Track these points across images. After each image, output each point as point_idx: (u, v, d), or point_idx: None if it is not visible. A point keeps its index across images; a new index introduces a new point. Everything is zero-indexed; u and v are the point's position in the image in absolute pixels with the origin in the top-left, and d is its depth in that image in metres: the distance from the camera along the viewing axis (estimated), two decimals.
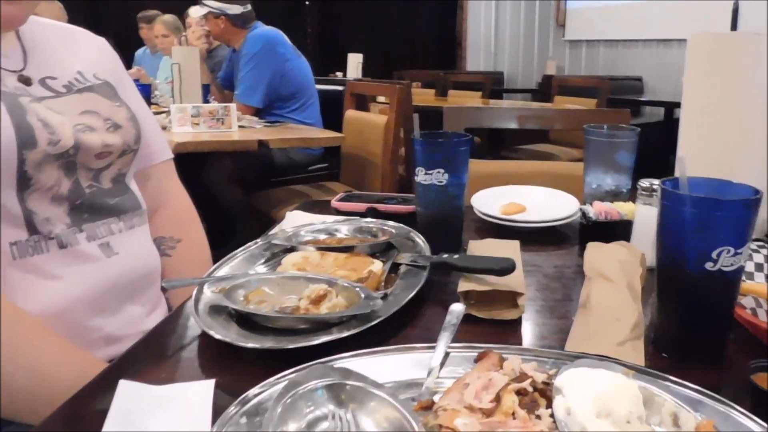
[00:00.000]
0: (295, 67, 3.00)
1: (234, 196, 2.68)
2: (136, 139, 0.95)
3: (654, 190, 0.86)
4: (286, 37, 3.06)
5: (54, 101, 0.84)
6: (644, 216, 0.87)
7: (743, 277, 0.64)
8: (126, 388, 0.55)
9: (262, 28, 3.05)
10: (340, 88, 3.17)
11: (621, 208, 0.96)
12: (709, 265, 0.56)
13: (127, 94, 0.98)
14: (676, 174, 0.66)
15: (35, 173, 0.78)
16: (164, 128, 2.30)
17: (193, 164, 2.28)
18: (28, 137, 0.76)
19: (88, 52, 0.97)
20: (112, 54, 1.03)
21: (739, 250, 0.55)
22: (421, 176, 0.89)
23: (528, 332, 0.69)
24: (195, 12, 3.25)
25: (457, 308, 0.67)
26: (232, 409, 0.48)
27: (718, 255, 0.55)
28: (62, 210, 0.83)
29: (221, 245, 1.15)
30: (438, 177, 0.88)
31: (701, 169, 0.63)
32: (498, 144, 4.29)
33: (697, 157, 0.62)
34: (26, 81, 0.83)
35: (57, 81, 0.87)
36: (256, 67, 2.90)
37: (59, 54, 0.91)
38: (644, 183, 0.87)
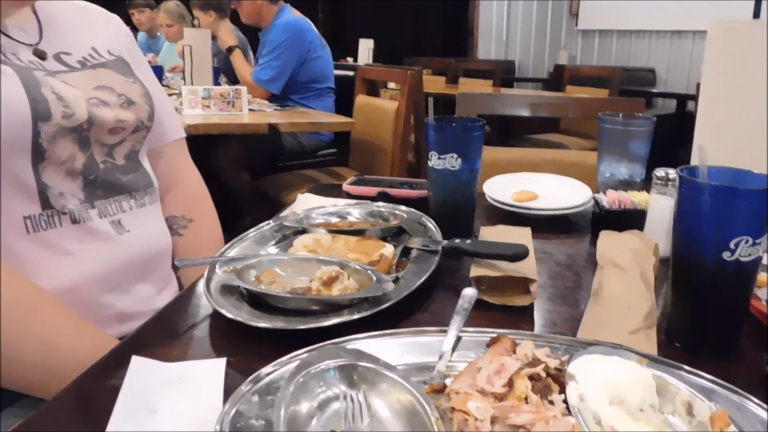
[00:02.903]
0: (318, 57, 2.99)
1: (242, 180, 2.68)
2: (150, 116, 0.94)
3: (669, 180, 0.85)
4: (313, 26, 3.04)
5: (68, 75, 0.84)
6: (659, 205, 0.86)
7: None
8: (138, 364, 0.55)
9: (292, 15, 3.02)
10: (350, 73, 3.16)
11: (634, 198, 0.95)
12: (726, 255, 0.55)
13: (141, 72, 0.98)
14: (693, 163, 0.65)
15: (49, 146, 0.78)
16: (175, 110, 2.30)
17: (201, 147, 2.28)
18: (43, 109, 0.76)
19: (103, 28, 0.97)
20: (126, 31, 1.03)
21: (757, 241, 0.55)
22: (434, 161, 0.89)
23: (539, 319, 0.69)
24: None
25: (470, 292, 0.67)
26: (244, 387, 0.48)
27: (737, 245, 0.55)
28: (76, 185, 0.83)
29: (229, 229, 1.15)
30: (451, 162, 0.87)
31: (719, 158, 0.62)
32: (507, 134, 4.26)
33: (714, 146, 0.61)
34: (41, 55, 0.83)
35: (71, 56, 0.87)
36: (282, 54, 2.89)
37: (74, 30, 0.91)
38: (659, 172, 0.86)
